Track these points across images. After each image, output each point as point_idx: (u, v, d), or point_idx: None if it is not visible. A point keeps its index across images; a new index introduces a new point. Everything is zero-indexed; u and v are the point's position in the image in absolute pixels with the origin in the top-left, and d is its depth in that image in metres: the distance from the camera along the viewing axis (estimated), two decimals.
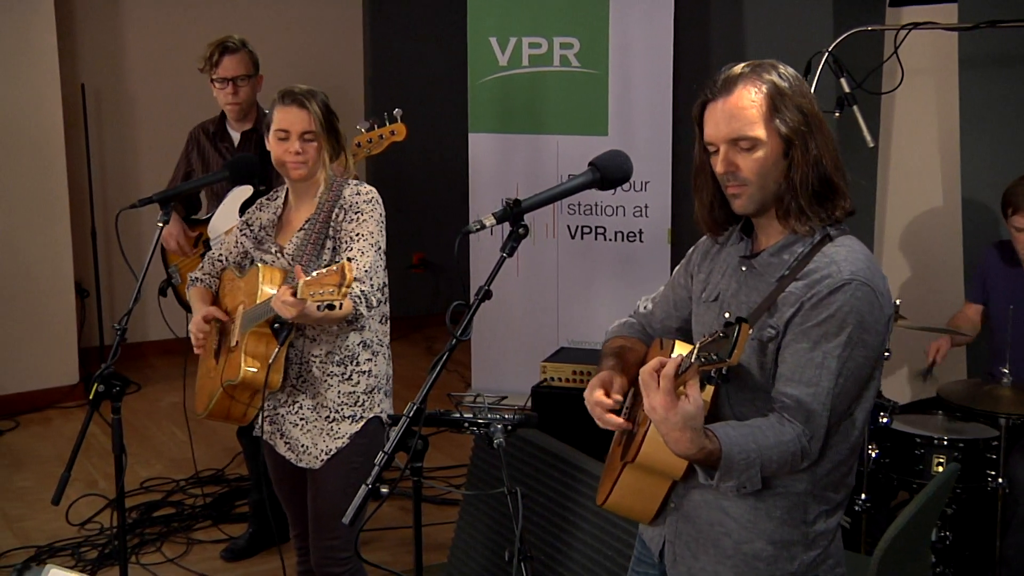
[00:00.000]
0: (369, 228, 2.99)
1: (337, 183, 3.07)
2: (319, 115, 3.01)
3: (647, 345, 2.43)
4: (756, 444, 1.99)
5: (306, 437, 3.10)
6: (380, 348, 3.12)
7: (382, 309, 3.11)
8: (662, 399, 1.92)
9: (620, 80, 5.75)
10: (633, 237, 5.81)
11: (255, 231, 3.19)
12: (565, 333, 5.95)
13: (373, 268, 2.96)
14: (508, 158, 5.96)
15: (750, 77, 2.07)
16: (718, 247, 2.28)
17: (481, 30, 5.90)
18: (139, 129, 6.84)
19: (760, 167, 2.07)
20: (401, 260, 7.45)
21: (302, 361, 3.09)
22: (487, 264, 5.85)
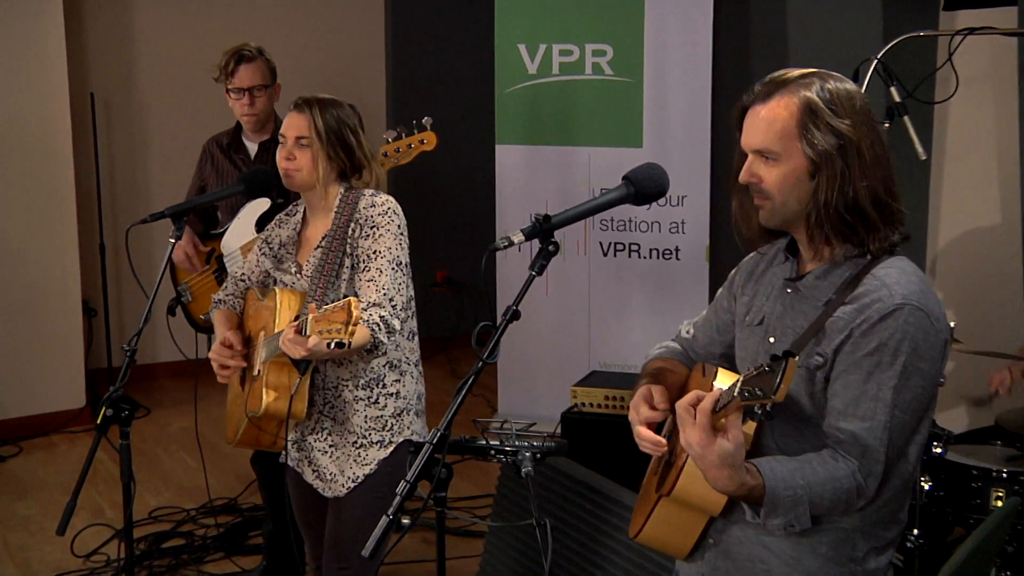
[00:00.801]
0: (387, 243, 2.99)
1: (353, 194, 3.08)
2: (319, 122, 3.03)
3: (688, 369, 2.43)
4: (805, 480, 1.97)
5: (334, 464, 3.11)
6: (408, 367, 3.13)
7: (410, 325, 3.11)
8: (698, 435, 1.92)
9: (656, 89, 5.75)
10: (669, 254, 5.80)
11: (274, 249, 3.22)
12: (597, 356, 5.94)
13: (393, 288, 2.96)
14: (537, 171, 5.96)
15: (789, 88, 2.07)
16: (763, 268, 2.28)
17: (509, 36, 5.92)
18: (150, 140, 6.89)
19: (781, 183, 2.08)
20: (424, 278, 7.47)
21: (328, 386, 3.11)
22: (515, 283, 5.85)
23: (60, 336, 6.13)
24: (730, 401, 1.89)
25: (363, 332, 2.85)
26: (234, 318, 3.26)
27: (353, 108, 3.14)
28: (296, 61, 6.51)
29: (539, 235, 2.24)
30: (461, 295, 7.73)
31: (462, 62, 7.51)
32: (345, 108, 3.11)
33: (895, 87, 3.97)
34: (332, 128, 3.05)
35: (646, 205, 2.37)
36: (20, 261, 6.00)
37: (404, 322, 3.05)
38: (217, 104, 4.56)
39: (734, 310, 2.33)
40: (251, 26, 6.75)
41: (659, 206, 5.71)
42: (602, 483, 3.37)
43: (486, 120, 6.22)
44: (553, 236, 2.24)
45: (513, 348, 5.88)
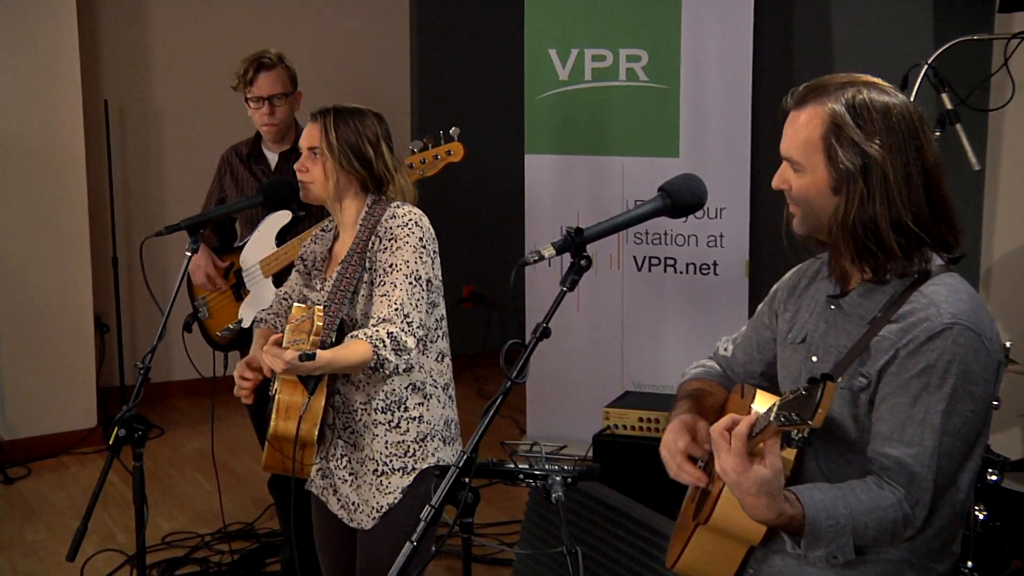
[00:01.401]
0: (404, 257, 2.97)
1: (380, 207, 3.08)
2: (331, 133, 3.04)
3: (727, 390, 2.43)
4: (848, 509, 1.96)
5: (355, 493, 3.10)
6: (434, 390, 3.10)
7: (439, 345, 3.10)
8: (734, 462, 1.92)
9: (693, 96, 5.75)
10: (707, 269, 5.79)
11: (308, 265, 3.24)
12: (631, 375, 5.93)
13: (409, 303, 2.93)
14: (568, 182, 5.97)
15: (822, 98, 2.07)
16: (805, 283, 2.28)
17: (539, 41, 5.94)
18: (166, 149, 6.94)
19: (805, 193, 2.09)
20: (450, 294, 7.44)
21: (347, 409, 3.10)
22: (545, 299, 5.87)
23: (71, 353, 6.16)
24: (767, 426, 1.89)
25: (362, 347, 2.83)
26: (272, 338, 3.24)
27: (379, 118, 3.13)
28: (318, 68, 6.56)
29: (570, 249, 2.24)
30: (488, 311, 7.74)
31: (490, 68, 7.53)
32: (368, 118, 3.10)
33: (947, 94, 3.95)
34: (346, 139, 3.05)
35: (683, 218, 2.37)
36: (30, 274, 6.03)
37: (427, 341, 3.04)
38: (236, 112, 4.59)
39: (775, 327, 2.33)
40: (272, 31, 6.79)
41: (696, 219, 5.70)
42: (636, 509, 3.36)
43: (515, 129, 6.23)
44: (585, 250, 2.24)
45: (543, 367, 5.88)
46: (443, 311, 3.11)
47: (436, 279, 3.05)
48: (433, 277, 3.03)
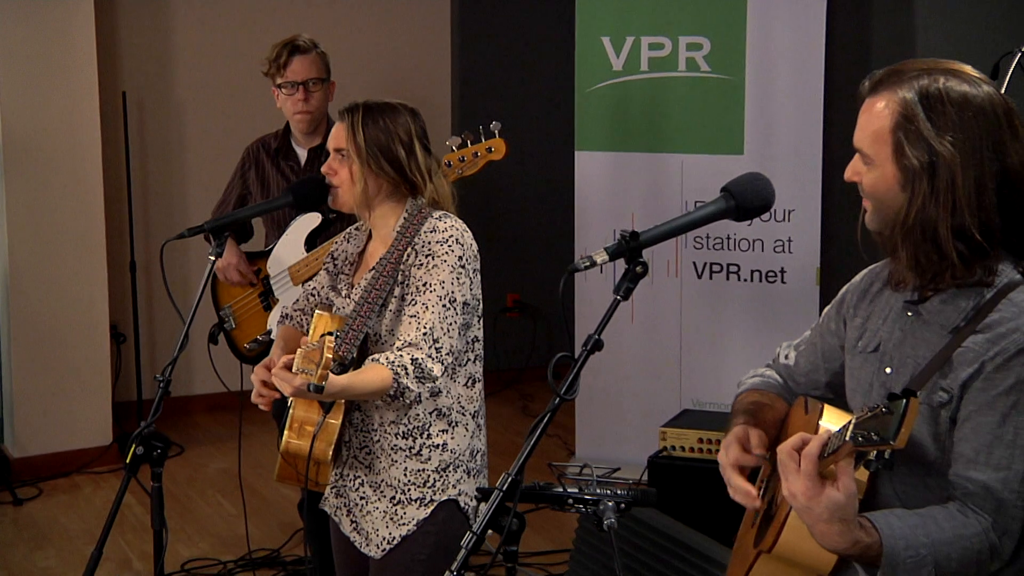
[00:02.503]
0: (439, 276, 2.96)
1: (420, 215, 3.07)
2: (359, 131, 3.03)
3: (788, 403, 2.42)
4: (928, 539, 1.95)
5: (367, 520, 3.11)
6: (462, 417, 3.09)
7: (469, 370, 3.10)
8: (804, 485, 1.91)
9: (759, 88, 5.73)
10: (774, 277, 5.77)
11: (337, 264, 3.25)
12: (689, 393, 5.91)
13: (440, 328, 2.92)
14: (622, 181, 5.97)
15: (895, 85, 2.06)
16: (878, 286, 2.27)
17: (592, 28, 5.94)
18: (188, 145, 6.99)
19: (874, 188, 2.09)
20: (493, 303, 7.48)
21: (365, 428, 3.11)
22: (596, 308, 5.86)
23: (85, 364, 6.20)
24: (841, 446, 1.88)
25: (382, 373, 2.83)
26: (296, 338, 3.23)
27: (413, 114, 3.12)
28: (350, 59, 6.59)
29: (625, 254, 2.24)
30: (535, 322, 7.74)
31: (538, 58, 7.54)
32: (400, 115, 3.08)
33: None
34: (375, 140, 3.03)
35: (747, 221, 2.37)
36: (41, 280, 6.08)
37: (456, 365, 3.04)
38: (264, 106, 4.63)
39: (843, 334, 2.32)
40: (300, 19, 6.80)
41: (762, 222, 5.68)
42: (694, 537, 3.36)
43: (564, 124, 6.24)
44: (641, 255, 2.25)
45: (594, 383, 5.87)
46: (478, 332, 3.10)
47: (474, 299, 3.04)
48: (470, 298, 3.01)
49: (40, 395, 6.12)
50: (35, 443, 6.13)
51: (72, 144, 6.09)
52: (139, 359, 6.75)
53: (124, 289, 6.66)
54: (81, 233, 6.15)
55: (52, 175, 6.06)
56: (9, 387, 6.14)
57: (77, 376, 6.19)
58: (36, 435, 6.13)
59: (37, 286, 6.08)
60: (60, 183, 6.08)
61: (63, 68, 6.05)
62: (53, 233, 6.08)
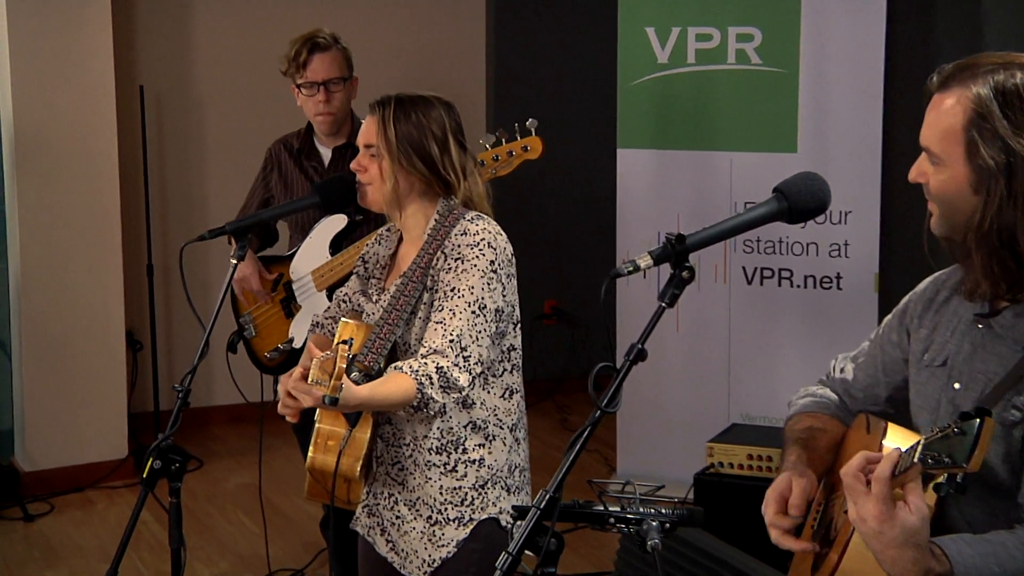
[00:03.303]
0: (468, 281, 2.95)
1: (452, 216, 3.07)
2: (389, 126, 3.04)
3: (844, 424, 2.41)
4: (1000, 568, 1.94)
5: (404, 541, 3.11)
6: (500, 431, 3.09)
7: (505, 380, 3.10)
8: (876, 508, 1.89)
9: (814, 81, 5.71)
10: (829, 283, 5.74)
11: (369, 268, 3.26)
12: (738, 406, 5.90)
13: (468, 335, 2.92)
14: (667, 181, 5.96)
15: (968, 79, 2.04)
16: (945, 295, 2.25)
17: (635, 19, 5.94)
18: (208, 142, 7.03)
19: (943, 190, 2.07)
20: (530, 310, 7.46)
21: (398, 443, 3.11)
22: (639, 316, 5.84)
23: (100, 373, 6.24)
24: (910, 467, 1.87)
25: (405, 383, 2.83)
26: (325, 347, 3.22)
27: (448, 107, 3.12)
28: (378, 52, 6.61)
29: (670, 258, 2.24)
30: (573, 330, 7.74)
31: (578, 51, 7.54)
32: (435, 109, 3.09)
33: None
34: (406, 135, 3.04)
35: (801, 223, 2.36)
36: (54, 284, 6.11)
37: (490, 375, 3.04)
38: (286, 102, 4.64)
39: (906, 346, 2.30)
40: (327, 9, 6.84)
41: (817, 224, 5.65)
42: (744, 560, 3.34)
43: (606, 120, 6.23)
44: (687, 260, 2.24)
45: (637, 395, 5.87)
46: (515, 341, 3.10)
47: (508, 306, 3.03)
48: (504, 305, 3.01)
49: (52, 406, 6.15)
50: (47, 456, 6.16)
51: (86, 141, 6.12)
52: (156, 368, 6.77)
53: (141, 294, 6.69)
54: (96, 235, 6.18)
55: (65, 173, 6.09)
56: (20, 397, 6.18)
57: (91, 386, 6.22)
58: (48, 448, 6.17)
59: (49, 291, 6.11)
60: (74, 182, 6.11)
61: (77, 60, 6.08)
62: (66, 235, 6.11)
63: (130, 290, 6.48)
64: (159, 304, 6.77)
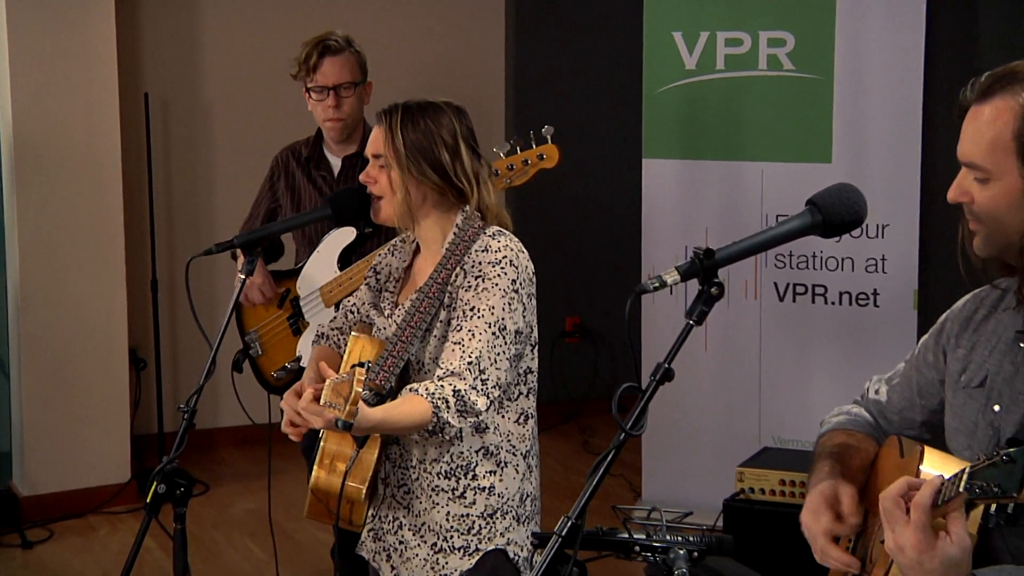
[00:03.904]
0: (489, 300, 2.95)
1: (472, 231, 3.07)
2: (397, 135, 3.04)
3: (878, 444, 2.40)
4: None
5: (407, 568, 3.11)
6: (511, 458, 3.09)
7: (520, 405, 3.09)
8: (916, 537, 1.89)
9: (850, 88, 5.70)
10: (865, 300, 5.73)
11: (381, 280, 3.25)
12: (770, 428, 5.88)
13: (487, 357, 2.92)
14: (695, 193, 5.95)
15: (1012, 87, 2.04)
16: (984, 313, 2.24)
17: (662, 23, 5.94)
18: (217, 150, 7.03)
19: (992, 206, 2.06)
20: (551, 327, 7.48)
21: (405, 465, 3.11)
22: (666, 334, 5.84)
23: (101, 393, 6.24)
24: (954, 497, 1.86)
25: (420, 406, 2.82)
26: (333, 360, 3.22)
27: (458, 113, 3.12)
28: (392, 57, 6.61)
29: (698, 274, 2.24)
30: (597, 348, 7.73)
31: (601, 56, 7.54)
32: (444, 115, 3.09)
33: None
34: (415, 143, 3.03)
35: (836, 237, 2.36)
36: (54, 299, 6.12)
37: (505, 398, 3.04)
38: (297, 108, 4.65)
39: (943, 367, 2.30)
40: (340, 12, 6.83)
41: (853, 238, 5.64)
42: None
43: (630, 129, 6.23)
44: (716, 275, 2.24)
45: (663, 417, 5.85)
46: (532, 363, 3.10)
47: (527, 327, 3.04)
48: (523, 326, 3.01)
49: (52, 427, 6.16)
50: (46, 480, 6.16)
51: (89, 149, 6.13)
52: (161, 387, 6.77)
53: (145, 310, 6.69)
54: (98, 248, 6.19)
55: (67, 184, 6.10)
56: (18, 418, 6.19)
57: (92, 406, 6.22)
58: (47, 471, 6.17)
59: (49, 306, 6.12)
60: (75, 193, 6.12)
61: (79, 65, 6.09)
62: (67, 248, 6.12)
63: (134, 306, 6.48)
64: (164, 321, 6.78)
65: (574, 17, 7.63)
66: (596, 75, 7.57)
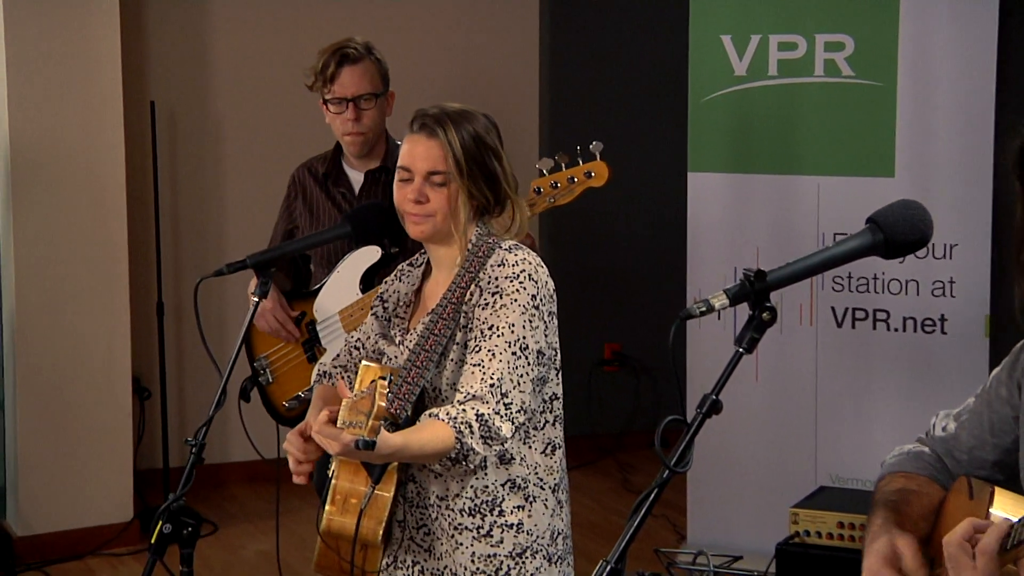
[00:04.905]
0: (508, 318, 2.95)
1: (486, 246, 3.07)
2: (457, 149, 3.02)
3: (943, 487, 2.39)
4: None
5: None
6: (540, 491, 3.08)
7: (547, 434, 3.09)
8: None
9: (915, 96, 5.68)
10: (932, 326, 5.70)
11: (389, 308, 3.25)
12: (827, 466, 5.86)
13: (509, 379, 2.92)
14: (745, 209, 5.94)
15: None
16: None
17: (709, 26, 5.94)
18: (228, 165, 7.07)
19: None
20: (586, 354, 7.49)
21: (423, 503, 3.10)
22: (713, 362, 5.82)
23: (103, 425, 6.25)
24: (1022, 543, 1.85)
25: (442, 432, 2.82)
26: (336, 402, 3.23)
27: (488, 118, 3.14)
28: (415, 66, 6.63)
29: (749, 298, 2.23)
30: (638, 378, 7.72)
31: (643, 61, 7.55)
32: (479, 121, 3.10)
33: None
34: (472, 154, 3.03)
35: (899, 258, 2.35)
36: (52, 324, 6.14)
37: (531, 427, 3.03)
38: (314, 120, 4.67)
39: (1018, 402, 2.29)
40: (359, 18, 6.85)
41: (918, 259, 5.62)
42: None
43: (675, 140, 6.24)
44: (768, 299, 2.24)
45: (710, 452, 5.83)
46: (557, 389, 3.10)
47: (550, 348, 3.04)
48: (546, 347, 3.01)
49: (48, 461, 6.17)
50: (42, 520, 6.18)
51: (91, 163, 6.16)
52: (166, 419, 6.79)
53: (150, 336, 6.73)
54: (100, 269, 6.21)
55: (66, 200, 6.13)
56: (12, 452, 6.21)
57: (93, 439, 6.24)
58: (43, 510, 6.18)
59: (47, 331, 6.15)
60: (76, 210, 6.15)
61: (81, 71, 6.13)
62: (66, 269, 6.14)
63: (138, 331, 6.51)
64: (170, 347, 6.81)
65: (613, 19, 7.64)
66: (637, 83, 7.58)
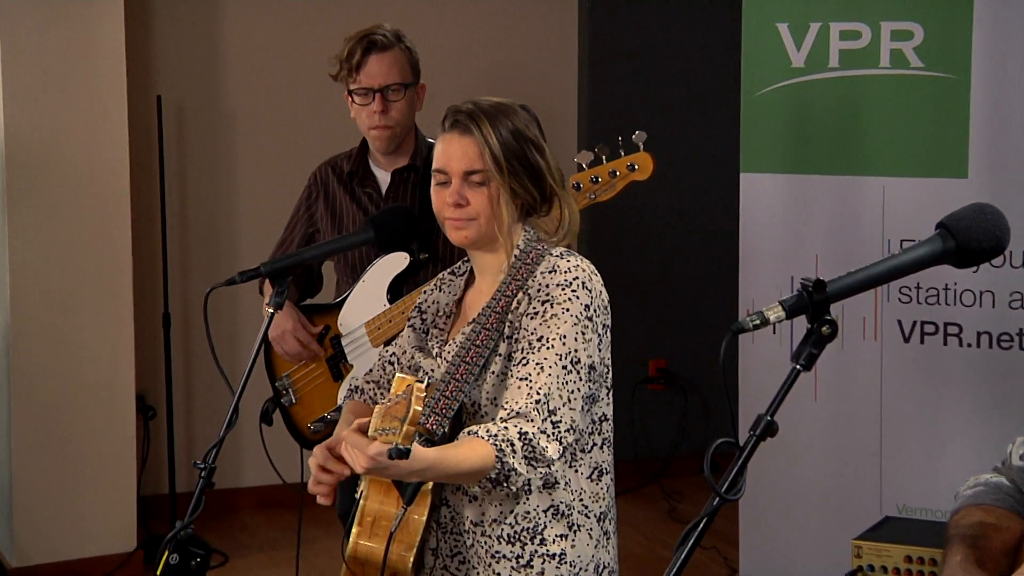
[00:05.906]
0: (560, 329, 2.94)
1: (536, 252, 3.07)
2: (494, 144, 3.01)
3: None
4: None
5: None
6: (585, 520, 3.08)
7: (594, 457, 3.09)
8: None
9: (990, 90, 5.67)
10: (1009, 341, 5.69)
11: (427, 319, 3.26)
12: (893, 495, 5.84)
13: (558, 395, 2.90)
14: (803, 213, 5.94)
15: None
16: None
17: (764, 13, 5.93)
18: (240, 164, 7.10)
19: None
20: (630, 371, 7.49)
21: (458, 529, 3.10)
22: (767, 380, 5.82)
23: (104, 446, 6.28)
24: None
25: (482, 449, 2.80)
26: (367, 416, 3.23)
27: (527, 109, 3.13)
28: (447, 55, 6.66)
29: (807, 310, 2.24)
30: (686, 397, 7.72)
31: (691, 51, 7.56)
32: (518, 114, 3.09)
33: None
34: (512, 149, 3.02)
35: (973, 266, 2.35)
36: (50, 338, 6.17)
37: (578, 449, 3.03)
38: (339, 115, 4.68)
39: None
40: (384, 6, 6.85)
41: (993, 267, 5.61)
42: None
43: (727, 138, 6.24)
44: (828, 312, 2.24)
45: (763, 479, 5.83)
46: (607, 409, 3.10)
47: (602, 364, 3.04)
48: (598, 362, 3.01)
49: (46, 486, 6.20)
50: (40, 549, 6.21)
51: (93, 163, 6.19)
52: (173, 440, 6.82)
53: (155, 350, 6.76)
54: (101, 277, 6.24)
55: (66, 203, 6.16)
56: (8, 477, 6.23)
57: (94, 462, 6.27)
58: (41, 539, 6.21)
59: (45, 345, 6.17)
60: (76, 213, 6.18)
61: (82, 64, 6.16)
62: (66, 278, 6.17)
63: (142, 345, 6.54)
64: (177, 362, 6.84)
65: (659, 3, 7.63)
66: (685, 75, 7.58)
